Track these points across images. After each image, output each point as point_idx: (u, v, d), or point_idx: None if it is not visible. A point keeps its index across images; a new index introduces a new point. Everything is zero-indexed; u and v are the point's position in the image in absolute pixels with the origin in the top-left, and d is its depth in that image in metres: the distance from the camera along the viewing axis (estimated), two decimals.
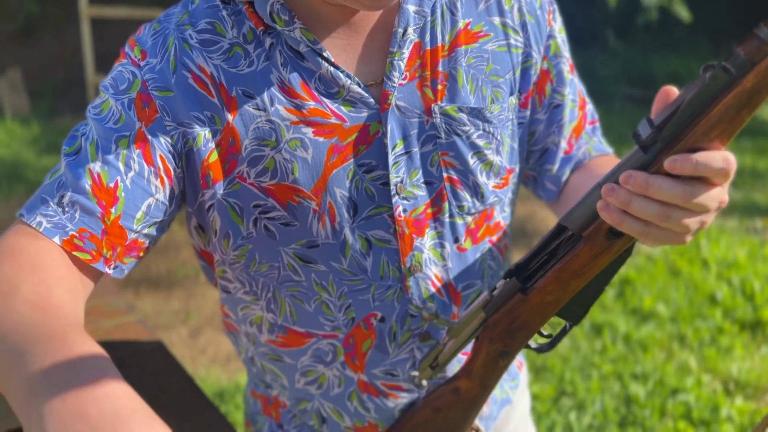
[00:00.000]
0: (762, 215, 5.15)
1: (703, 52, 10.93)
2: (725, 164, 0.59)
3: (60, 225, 0.68)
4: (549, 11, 0.84)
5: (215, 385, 2.67)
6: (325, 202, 0.76)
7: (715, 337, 3.19)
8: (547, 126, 0.87)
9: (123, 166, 0.71)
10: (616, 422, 2.52)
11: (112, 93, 0.73)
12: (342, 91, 0.75)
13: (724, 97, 0.56)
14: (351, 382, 0.84)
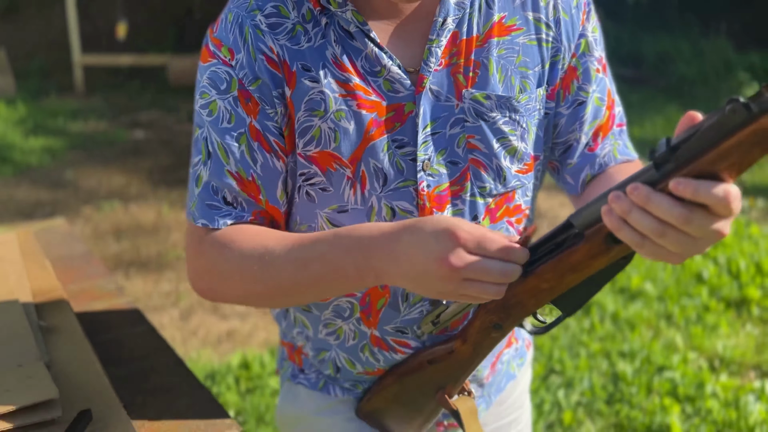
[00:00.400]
0: (748, 195, 5.19)
1: (693, 31, 10.92)
2: (725, 196, 0.61)
3: (239, 216, 0.83)
4: (584, 11, 0.88)
5: (207, 367, 2.68)
6: (359, 171, 0.83)
7: (702, 315, 3.23)
8: (570, 121, 0.90)
9: (250, 160, 0.82)
10: (604, 399, 2.56)
11: (216, 94, 0.82)
12: (383, 71, 0.82)
13: (739, 132, 0.58)
14: (364, 336, 0.92)
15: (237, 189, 0.83)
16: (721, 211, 0.62)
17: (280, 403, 1.05)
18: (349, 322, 0.92)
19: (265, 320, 3.14)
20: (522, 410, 1.12)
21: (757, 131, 0.58)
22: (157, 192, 4.71)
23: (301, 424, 1.01)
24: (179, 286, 3.42)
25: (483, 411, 1.01)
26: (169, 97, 7.67)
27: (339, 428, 0.98)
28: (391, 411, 0.95)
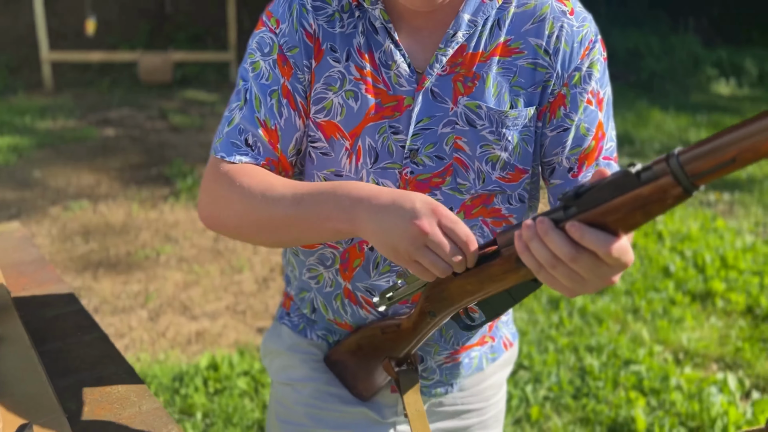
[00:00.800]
0: (715, 189, 5.28)
1: (662, 26, 11.05)
2: (605, 247, 0.68)
3: (254, 157, 0.95)
4: (587, 47, 0.95)
5: (174, 368, 2.66)
6: (356, 145, 0.95)
7: (668, 309, 3.29)
8: (553, 144, 0.98)
9: (277, 113, 0.96)
10: (571, 394, 2.59)
11: (260, 55, 0.97)
12: (394, 66, 0.94)
13: (624, 195, 0.66)
14: (339, 287, 1.04)
15: (260, 134, 0.96)
16: (605, 259, 0.69)
17: (265, 338, 1.20)
18: (329, 271, 1.04)
19: (235, 320, 3.13)
20: (489, 404, 1.18)
21: (638, 198, 0.66)
22: (127, 191, 4.65)
23: (278, 357, 1.15)
24: (148, 287, 3.39)
25: (441, 395, 1.11)
26: (140, 94, 7.58)
27: (308, 365, 1.11)
28: (350, 366, 1.07)
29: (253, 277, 3.54)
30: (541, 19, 0.94)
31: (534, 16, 0.94)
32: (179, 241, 3.92)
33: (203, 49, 9.05)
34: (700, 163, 0.61)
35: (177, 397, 2.49)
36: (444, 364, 1.09)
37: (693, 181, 0.62)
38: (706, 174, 0.61)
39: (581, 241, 0.69)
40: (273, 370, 1.16)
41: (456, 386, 1.12)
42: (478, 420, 1.17)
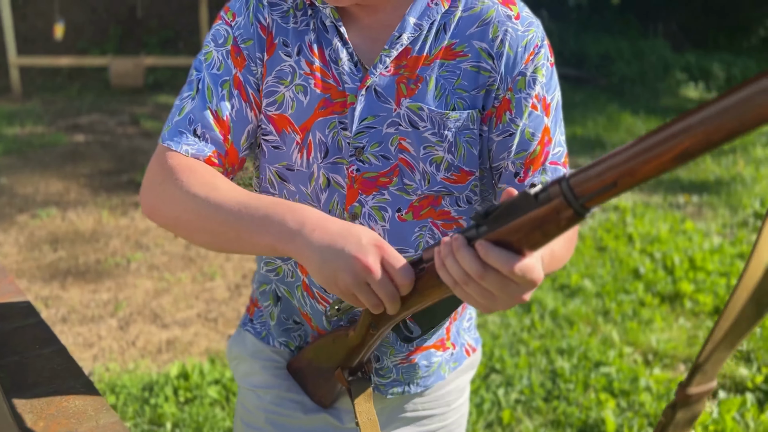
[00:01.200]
0: (685, 191, 5.37)
1: (633, 31, 11.22)
2: (508, 267, 0.69)
3: (200, 149, 0.95)
4: (532, 52, 0.95)
5: (144, 378, 2.63)
6: (306, 139, 0.96)
7: (637, 310, 3.33)
8: (500, 149, 0.98)
9: (229, 103, 0.96)
10: (542, 396, 2.61)
11: (213, 46, 0.98)
12: (340, 62, 0.95)
13: (523, 216, 0.68)
14: (298, 279, 1.06)
15: (211, 124, 0.95)
16: (510, 277, 0.70)
17: (229, 343, 1.21)
18: (287, 263, 1.06)
19: (207, 328, 3.10)
20: (449, 409, 1.17)
21: (535, 219, 0.67)
22: (96, 198, 4.59)
23: (242, 363, 1.16)
24: (118, 295, 3.35)
25: (398, 395, 1.11)
26: (110, 99, 7.49)
27: (270, 372, 1.12)
28: (309, 374, 1.09)
29: (225, 284, 3.51)
30: (486, 22, 0.94)
31: (480, 19, 0.95)
32: (150, 249, 3.88)
33: (175, 53, 8.97)
34: (585, 186, 0.63)
35: (147, 407, 2.46)
36: (400, 365, 1.09)
37: (583, 203, 0.64)
38: (592, 197, 0.63)
39: (486, 260, 0.70)
40: (238, 375, 1.18)
41: (414, 387, 1.12)
42: (440, 425, 1.17)
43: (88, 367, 2.76)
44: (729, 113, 0.52)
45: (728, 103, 0.53)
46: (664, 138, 0.57)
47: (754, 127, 0.52)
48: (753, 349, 2.99)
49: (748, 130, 0.53)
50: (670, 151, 0.56)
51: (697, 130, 0.54)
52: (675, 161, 0.56)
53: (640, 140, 0.59)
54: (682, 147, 0.55)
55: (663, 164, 0.57)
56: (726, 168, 6.10)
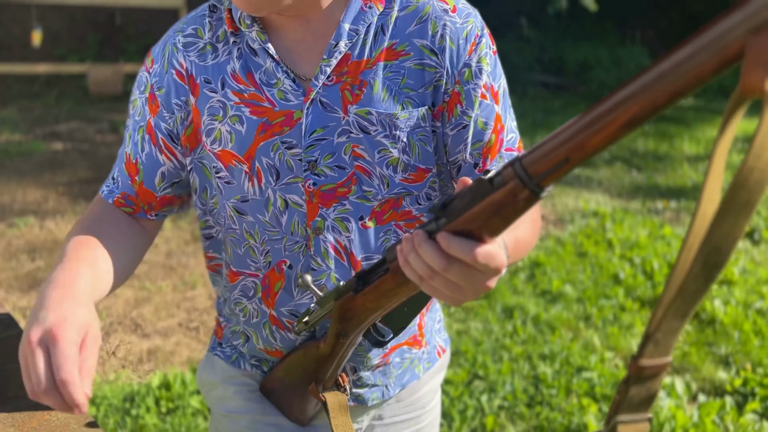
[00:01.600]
0: (663, 197, 5.44)
1: (611, 39, 11.38)
2: (470, 256, 0.69)
3: (112, 191, 1.03)
4: (473, 43, 0.95)
5: (125, 389, 2.60)
6: (254, 167, 0.96)
7: (618, 315, 3.37)
8: (455, 142, 0.98)
9: (140, 147, 1.02)
10: (525, 402, 2.62)
11: (138, 93, 1.03)
12: (279, 83, 0.95)
13: (481, 202, 0.68)
14: (264, 315, 1.05)
15: (123, 167, 1.03)
16: (474, 265, 0.70)
17: (199, 368, 1.19)
18: (252, 301, 1.05)
19: (188, 337, 3.07)
20: (424, 411, 1.18)
21: (492, 203, 0.67)
22: (75, 207, 4.54)
23: (214, 389, 1.15)
24: (98, 305, 3.30)
25: (378, 399, 1.10)
26: (89, 106, 7.42)
27: (243, 396, 1.11)
28: (283, 393, 1.08)
29: (206, 293, 3.49)
30: (424, 19, 0.94)
31: (417, 17, 0.94)
32: None
33: None
34: (539, 165, 0.62)
35: (128, 418, 2.44)
36: (377, 369, 1.09)
37: (537, 182, 0.63)
38: (546, 175, 0.62)
39: (448, 251, 0.70)
40: (210, 401, 1.16)
41: (392, 389, 1.12)
42: (416, 428, 1.18)
43: None
44: (671, 75, 0.52)
45: (669, 65, 0.52)
46: (609, 108, 0.56)
47: (695, 87, 0.52)
48: (731, 353, 3.03)
49: (691, 89, 0.53)
50: (616, 120, 0.56)
51: (642, 95, 0.54)
52: (623, 129, 0.56)
53: (587, 113, 0.58)
54: (629, 114, 0.55)
55: (612, 134, 0.57)
56: (703, 173, 6.19)
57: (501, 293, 3.52)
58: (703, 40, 0.51)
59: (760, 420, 2.57)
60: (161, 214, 1.07)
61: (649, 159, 6.66)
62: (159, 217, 1.07)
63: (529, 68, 9.79)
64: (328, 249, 0.99)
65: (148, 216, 1.05)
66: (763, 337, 3.18)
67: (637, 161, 6.55)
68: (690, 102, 9.88)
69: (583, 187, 5.62)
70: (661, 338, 0.54)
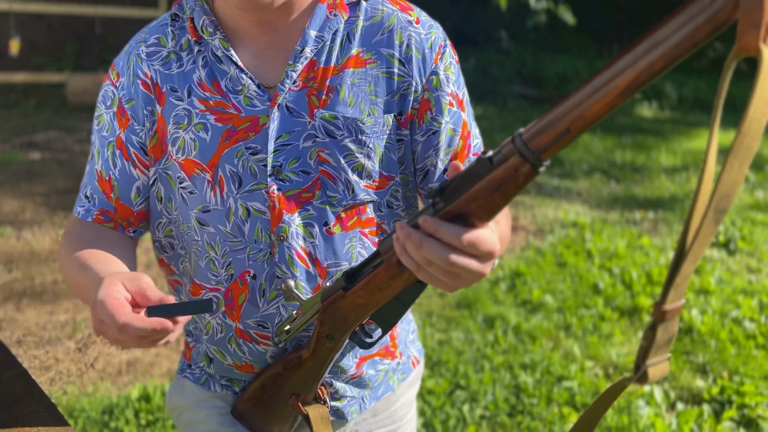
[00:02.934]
0: (641, 207, 5.51)
1: (589, 52, 11.54)
2: (458, 240, 0.70)
3: (89, 209, 1.02)
4: (438, 52, 0.99)
5: (104, 401, 2.57)
6: (217, 175, 0.96)
7: (598, 325, 3.40)
8: (425, 148, 1.00)
9: (111, 163, 1.00)
10: (506, 412, 2.63)
11: (104, 108, 1.01)
12: (244, 89, 0.95)
13: (482, 180, 0.69)
14: (230, 329, 1.02)
15: (96, 185, 1.02)
16: (472, 251, 0.71)
17: (169, 392, 1.17)
18: (215, 317, 1.02)
19: (168, 348, 3.04)
20: (401, 424, 1.17)
21: (493, 180, 0.69)
22: (53, 217, 4.49)
23: (184, 413, 1.12)
24: (76, 316, 3.27)
25: (356, 413, 1.09)
26: (68, 116, 7.35)
27: (214, 420, 1.08)
28: (258, 412, 1.05)
29: None
30: (390, 29, 0.97)
31: (382, 27, 0.97)
32: None
33: None
34: (540, 138, 0.65)
35: (106, 430, 2.40)
36: (351, 380, 1.08)
37: (538, 156, 0.66)
38: (547, 147, 0.65)
39: (435, 234, 0.71)
40: (180, 425, 1.14)
41: (368, 400, 1.10)
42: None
43: (45, 391, 2.68)
44: (668, 40, 0.56)
45: (666, 31, 0.56)
46: (609, 77, 0.60)
47: (690, 51, 0.56)
48: (708, 362, 3.08)
49: (686, 53, 0.57)
50: (616, 88, 0.59)
51: (640, 62, 0.58)
52: (621, 96, 0.60)
53: (585, 84, 0.61)
54: (627, 81, 0.59)
55: (611, 101, 0.60)
56: (680, 184, 6.29)
57: (482, 303, 3.54)
58: (697, 6, 0.55)
59: (737, 427, 2.61)
60: (138, 231, 1.06)
61: (627, 170, 6.75)
62: (137, 233, 1.06)
63: (509, 80, 9.89)
64: (293, 256, 0.97)
65: (126, 232, 1.05)
66: (739, 345, 3.23)
67: (616, 172, 6.63)
68: (667, 114, 10.04)
69: (563, 197, 5.68)
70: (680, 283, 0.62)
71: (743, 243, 4.66)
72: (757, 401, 2.73)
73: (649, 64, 0.57)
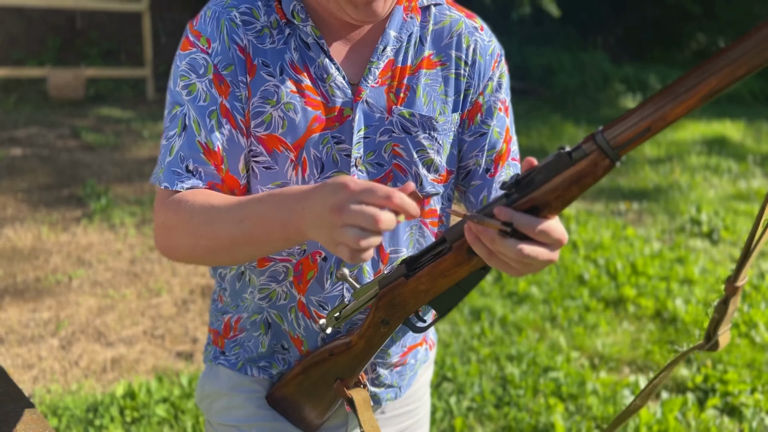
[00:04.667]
0: (625, 199, 5.55)
1: (574, 44, 11.56)
2: (533, 229, 0.75)
3: (195, 184, 0.95)
4: (496, 60, 1.07)
5: (88, 399, 2.54)
6: (301, 156, 0.98)
7: (583, 316, 3.41)
8: (471, 148, 1.07)
9: (218, 133, 0.96)
10: (493, 403, 2.64)
11: (195, 77, 0.96)
12: (329, 78, 0.98)
13: (561, 173, 0.75)
14: (293, 299, 1.05)
15: (203, 158, 0.95)
16: (543, 239, 0.76)
17: (201, 381, 1.16)
18: (282, 285, 1.04)
19: (153, 345, 3.02)
20: (420, 403, 1.23)
21: (574, 174, 0.75)
22: (35, 214, 4.43)
23: (219, 399, 1.12)
24: (59, 314, 3.23)
25: (390, 400, 1.14)
26: (49, 111, 7.26)
27: (253, 403, 1.09)
28: (295, 399, 1.07)
29: (171, 300, 3.44)
30: (458, 34, 1.04)
31: (451, 31, 1.04)
32: (93, 265, 3.77)
33: (117, 65, 8.77)
34: (621, 136, 0.71)
35: (91, 429, 2.38)
36: (394, 369, 1.12)
37: (618, 152, 0.72)
38: (628, 144, 0.71)
39: (511, 220, 0.75)
40: (213, 413, 1.13)
41: (404, 389, 1.15)
42: (413, 420, 1.22)
43: (28, 390, 2.65)
44: (752, 50, 0.64)
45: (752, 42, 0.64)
46: (692, 83, 0.67)
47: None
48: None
49: (765, 64, 0.65)
50: (698, 93, 0.67)
51: (724, 69, 0.65)
52: (703, 100, 0.67)
53: (670, 87, 0.68)
54: (710, 86, 0.66)
55: (693, 104, 0.68)
56: (664, 176, 6.33)
57: (468, 295, 3.54)
58: None
59: (721, 415, 2.64)
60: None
61: None
62: None
63: None
64: None
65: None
66: None
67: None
68: None
69: None
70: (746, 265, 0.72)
71: (726, 233, 4.71)
72: (740, 389, 2.75)
73: (732, 72, 0.65)
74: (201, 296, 3.50)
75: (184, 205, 0.92)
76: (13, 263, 3.74)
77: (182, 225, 0.92)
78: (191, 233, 0.91)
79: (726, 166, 6.79)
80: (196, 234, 0.90)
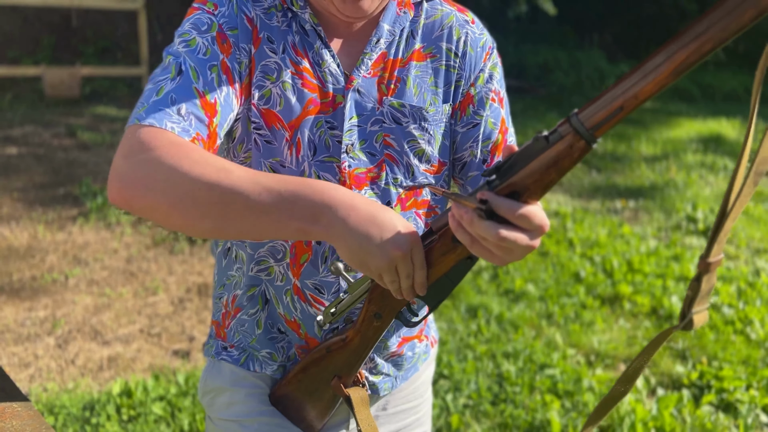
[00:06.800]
0: (621, 196, 5.56)
1: (570, 42, 11.58)
2: (513, 213, 0.75)
3: (185, 129, 0.86)
4: (487, 52, 1.09)
5: (85, 397, 2.54)
6: (295, 137, 0.99)
7: (579, 313, 3.42)
8: (465, 139, 1.08)
9: (217, 86, 0.93)
10: (489, 400, 2.65)
11: (196, 33, 0.95)
12: (324, 64, 1.00)
13: (539, 157, 0.75)
14: (289, 282, 1.05)
15: (198, 104, 0.88)
16: (524, 224, 0.76)
17: (203, 376, 1.16)
18: (280, 265, 1.05)
19: (150, 344, 3.02)
20: (422, 400, 1.24)
21: (550, 157, 0.75)
22: (31, 212, 4.43)
23: (222, 394, 1.12)
24: (56, 312, 3.23)
25: (388, 390, 1.15)
26: (45, 110, 7.24)
27: (255, 399, 1.10)
28: (296, 398, 1.08)
29: (168, 299, 3.43)
30: (449, 26, 1.06)
31: (442, 24, 1.06)
32: (89, 264, 3.76)
33: (113, 63, 8.76)
34: (595, 117, 0.72)
35: (88, 427, 2.38)
36: (390, 358, 1.14)
37: (593, 132, 0.72)
38: (602, 124, 0.72)
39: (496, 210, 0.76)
40: (215, 408, 1.13)
41: (400, 380, 1.16)
42: (415, 417, 1.22)
43: (25, 388, 2.65)
44: (717, 24, 0.64)
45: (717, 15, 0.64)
46: (661, 60, 0.67)
47: (736, 34, 0.64)
48: (688, 347, 3.11)
49: (732, 37, 0.65)
50: (668, 69, 0.67)
51: (691, 44, 0.65)
52: (672, 76, 0.67)
53: (639, 66, 0.68)
54: (677, 62, 0.66)
55: (662, 80, 0.68)
56: (660, 174, 6.34)
57: (465, 293, 3.55)
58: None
59: (716, 412, 2.65)
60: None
61: (608, 160, 6.80)
62: None
63: None
64: None
65: None
66: (717, 331, 3.27)
67: (596, 162, 6.68)
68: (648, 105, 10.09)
69: None
70: (721, 238, 0.69)
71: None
72: (735, 385, 2.77)
73: (699, 47, 0.65)
74: (197, 294, 3.50)
75: (185, 150, 0.81)
76: (9, 262, 3.74)
77: (176, 172, 0.79)
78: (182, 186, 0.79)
79: (722, 163, 6.81)
80: (189, 188, 0.79)
